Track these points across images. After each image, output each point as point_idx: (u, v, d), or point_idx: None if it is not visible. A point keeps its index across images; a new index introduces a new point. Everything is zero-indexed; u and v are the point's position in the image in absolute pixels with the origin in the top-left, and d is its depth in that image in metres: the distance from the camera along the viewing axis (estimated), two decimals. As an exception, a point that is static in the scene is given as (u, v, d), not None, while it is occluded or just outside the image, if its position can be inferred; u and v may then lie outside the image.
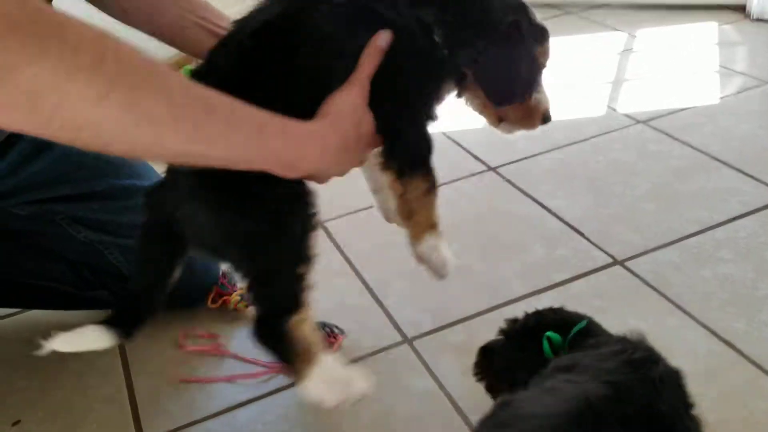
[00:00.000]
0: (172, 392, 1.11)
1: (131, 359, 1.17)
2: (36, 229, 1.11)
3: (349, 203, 1.53)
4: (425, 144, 0.85)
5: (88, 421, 1.07)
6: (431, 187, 0.86)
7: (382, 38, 0.78)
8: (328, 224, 1.50)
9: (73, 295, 1.17)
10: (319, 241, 0.85)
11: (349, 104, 0.78)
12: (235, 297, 1.25)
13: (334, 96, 0.78)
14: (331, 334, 1.16)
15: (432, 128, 0.87)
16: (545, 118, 0.91)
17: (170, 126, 0.59)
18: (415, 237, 0.88)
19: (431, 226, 0.88)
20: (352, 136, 0.78)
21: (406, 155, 0.84)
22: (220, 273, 1.25)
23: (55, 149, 1.10)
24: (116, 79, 0.54)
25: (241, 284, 1.21)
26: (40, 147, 1.09)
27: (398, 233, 0.94)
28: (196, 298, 1.23)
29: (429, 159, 0.85)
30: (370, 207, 1.06)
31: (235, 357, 1.16)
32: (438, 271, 0.89)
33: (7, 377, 1.15)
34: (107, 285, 1.17)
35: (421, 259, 0.89)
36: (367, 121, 0.80)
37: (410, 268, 0.96)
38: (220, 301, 1.25)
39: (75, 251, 1.14)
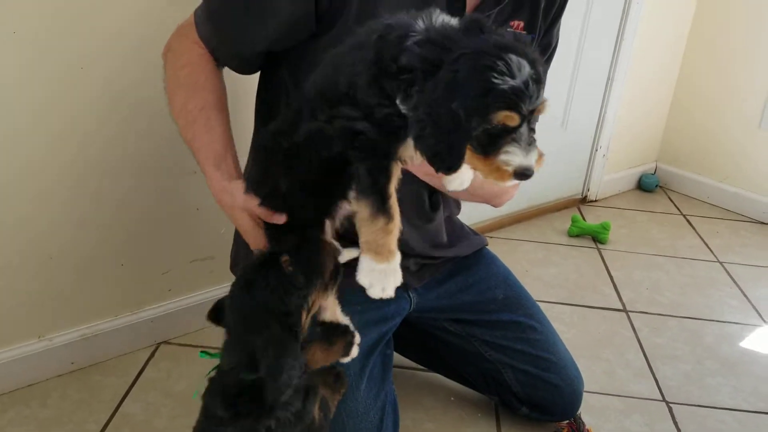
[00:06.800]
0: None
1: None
2: (457, 342, 1.56)
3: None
4: None
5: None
6: None
7: None
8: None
9: (474, 385, 1.63)
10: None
11: None
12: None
13: None
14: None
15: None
16: (519, 175, 0.81)
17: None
18: None
19: None
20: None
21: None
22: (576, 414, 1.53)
23: (474, 288, 1.54)
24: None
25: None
26: (468, 284, 1.54)
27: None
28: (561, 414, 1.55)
29: None
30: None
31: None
32: None
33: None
34: (500, 394, 1.56)
35: None
36: None
37: None
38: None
39: (482, 364, 1.55)
